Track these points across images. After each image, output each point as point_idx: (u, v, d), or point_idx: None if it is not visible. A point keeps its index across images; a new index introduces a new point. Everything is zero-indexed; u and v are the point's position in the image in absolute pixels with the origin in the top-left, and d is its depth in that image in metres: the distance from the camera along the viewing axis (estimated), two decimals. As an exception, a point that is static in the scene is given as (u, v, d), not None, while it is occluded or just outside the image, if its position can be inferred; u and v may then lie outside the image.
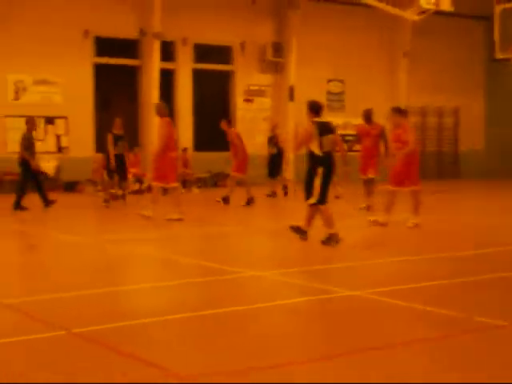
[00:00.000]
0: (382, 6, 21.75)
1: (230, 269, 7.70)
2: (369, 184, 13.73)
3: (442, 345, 4.80)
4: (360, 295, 6.26)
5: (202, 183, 22.03)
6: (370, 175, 13.71)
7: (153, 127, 21.86)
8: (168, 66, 22.66)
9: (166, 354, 4.60)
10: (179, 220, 11.86)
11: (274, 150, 17.75)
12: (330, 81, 25.52)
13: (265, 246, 10.11)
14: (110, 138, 15.32)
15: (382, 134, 13.78)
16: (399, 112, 11.41)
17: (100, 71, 21.81)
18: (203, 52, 23.46)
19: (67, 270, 7.99)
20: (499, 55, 21.70)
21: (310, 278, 7.07)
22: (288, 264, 8.15)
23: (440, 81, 26.45)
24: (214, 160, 22.18)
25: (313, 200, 9.20)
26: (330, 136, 9.22)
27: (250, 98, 24.02)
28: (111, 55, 22.05)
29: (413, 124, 11.88)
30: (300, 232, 9.47)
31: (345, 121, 25.77)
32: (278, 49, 23.77)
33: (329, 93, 25.56)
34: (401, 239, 10.43)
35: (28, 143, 14.54)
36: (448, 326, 5.25)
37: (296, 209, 15.23)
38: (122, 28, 21.74)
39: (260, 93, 24.28)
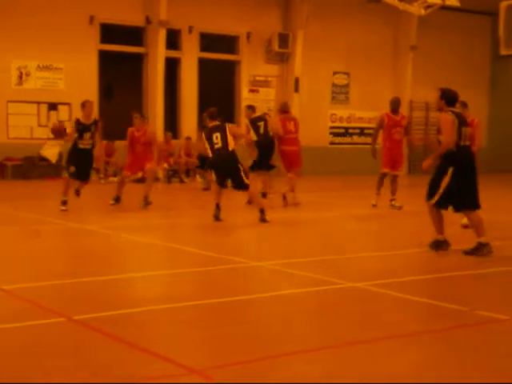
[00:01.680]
0: (388, 0, 21.67)
1: (231, 258, 7.69)
2: (396, 180, 12.99)
3: (442, 338, 4.78)
4: (361, 287, 6.25)
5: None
6: (400, 171, 13.12)
7: (157, 116, 21.86)
8: (173, 54, 22.60)
9: (171, 345, 4.57)
10: (297, 204, 13.11)
11: None
12: (335, 73, 25.46)
13: (271, 236, 10.09)
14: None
15: (408, 126, 13.31)
16: (465, 106, 10.04)
17: (105, 58, 21.76)
18: (209, 41, 23.41)
19: (69, 257, 7.99)
20: (504, 51, 21.59)
21: (311, 269, 7.05)
22: (291, 255, 8.14)
23: (445, 76, 26.33)
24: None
25: (433, 200, 7.96)
26: (468, 129, 8.05)
27: (256, 88, 23.97)
28: (116, 42, 21.99)
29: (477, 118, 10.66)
30: (440, 245, 8.06)
31: (349, 113, 25.76)
32: (285, 40, 23.70)
33: (334, 85, 25.51)
34: (412, 231, 10.44)
35: None
36: (448, 319, 5.23)
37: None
38: (128, 15, 21.68)
39: (265, 83, 24.22)
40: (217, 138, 10.74)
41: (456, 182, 7.77)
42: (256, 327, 5.02)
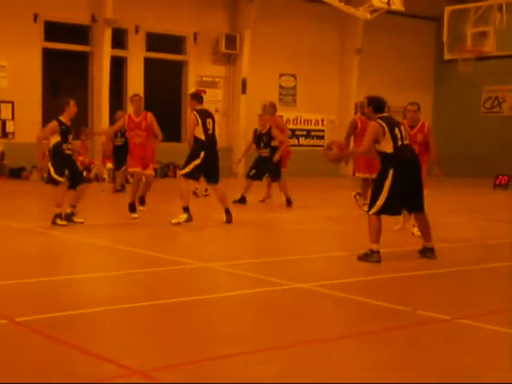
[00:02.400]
0: (335, 3, 21.87)
1: (178, 259, 7.64)
2: (369, 184, 12.14)
3: (384, 338, 4.84)
4: (307, 288, 6.29)
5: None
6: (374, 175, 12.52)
7: (103, 115, 21.60)
8: (119, 53, 22.38)
9: (115, 346, 4.53)
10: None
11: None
12: (282, 75, 25.57)
13: (220, 238, 10.07)
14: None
15: None
16: (419, 108, 9.58)
17: (49, 56, 21.40)
18: (156, 41, 23.25)
19: (13, 258, 7.82)
20: (447, 56, 22.07)
21: (258, 270, 7.06)
22: (240, 256, 8.13)
23: (390, 79, 26.77)
24: (164, 150, 21.99)
25: (368, 208, 7.74)
26: (402, 128, 7.76)
27: (203, 89, 23.90)
28: (61, 40, 21.65)
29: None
30: (372, 256, 7.61)
31: (296, 115, 25.90)
32: (232, 41, 23.71)
33: (281, 87, 25.62)
34: (355, 233, 10.55)
35: None
36: (391, 319, 5.30)
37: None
38: (73, 13, 21.36)
39: (213, 84, 24.18)
40: (209, 123, 10.59)
41: (398, 184, 7.53)
42: (204, 328, 5.00)
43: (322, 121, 26.45)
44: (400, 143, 7.64)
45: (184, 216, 10.42)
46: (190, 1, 23.26)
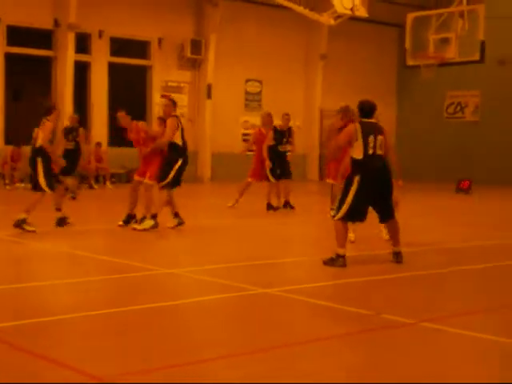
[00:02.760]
0: (299, 9, 21.96)
1: (143, 266, 7.59)
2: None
3: (348, 342, 4.87)
4: (273, 293, 6.29)
5: (117, 179, 21.69)
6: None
7: (66, 120, 21.34)
8: (83, 58, 22.17)
9: (78, 354, 4.47)
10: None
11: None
12: (247, 80, 25.60)
13: (180, 244, 10.03)
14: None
15: None
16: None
17: (12, 61, 21.12)
18: (120, 46, 23.10)
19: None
20: (410, 62, 22.30)
21: (224, 276, 7.04)
22: (203, 262, 8.10)
23: (355, 85, 26.94)
24: (129, 156, 21.85)
25: (334, 213, 7.76)
26: (379, 137, 7.69)
27: (168, 93, 23.79)
28: (24, 45, 21.38)
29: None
30: (338, 260, 7.63)
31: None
32: (197, 46, 23.66)
33: (246, 93, 25.64)
34: (320, 238, 10.59)
35: None
36: (355, 323, 5.33)
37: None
38: (36, 17, 21.11)
39: (178, 89, 24.10)
40: (183, 129, 10.62)
41: (363, 192, 7.58)
42: (171, 334, 4.96)
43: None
44: (371, 152, 7.65)
45: (150, 222, 10.39)
46: (154, 6, 23.16)
